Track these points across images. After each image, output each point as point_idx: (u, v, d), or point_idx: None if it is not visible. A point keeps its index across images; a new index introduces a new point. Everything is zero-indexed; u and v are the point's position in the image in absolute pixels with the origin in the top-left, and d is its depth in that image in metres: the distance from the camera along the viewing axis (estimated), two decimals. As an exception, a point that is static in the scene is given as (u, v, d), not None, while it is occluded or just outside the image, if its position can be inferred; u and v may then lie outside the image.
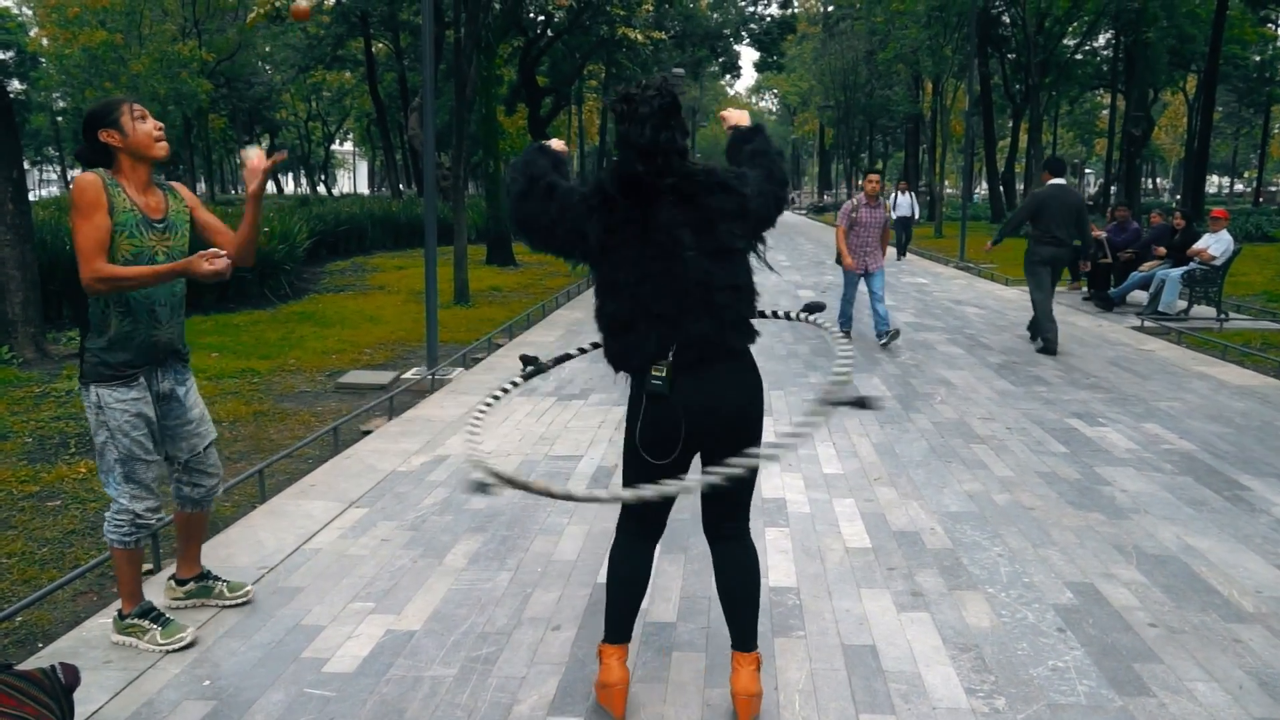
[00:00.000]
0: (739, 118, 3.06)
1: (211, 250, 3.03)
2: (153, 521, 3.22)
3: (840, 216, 9.67)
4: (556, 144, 2.88)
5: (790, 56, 54.93)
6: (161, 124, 3.21)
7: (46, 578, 3.86)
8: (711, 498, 2.74)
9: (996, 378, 7.77)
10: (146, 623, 3.23)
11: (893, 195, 21.59)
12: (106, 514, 3.20)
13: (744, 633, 2.75)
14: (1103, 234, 12.91)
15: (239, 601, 3.54)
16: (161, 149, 3.15)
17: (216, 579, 3.59)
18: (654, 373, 2.56)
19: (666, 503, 2.75)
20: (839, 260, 9.74)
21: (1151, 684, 2.98)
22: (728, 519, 2.78)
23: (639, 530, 2.83)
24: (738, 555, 2.77)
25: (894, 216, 19.04)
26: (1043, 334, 9.05)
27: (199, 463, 3.39)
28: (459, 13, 13.87)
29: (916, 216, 23.09)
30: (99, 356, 3.15)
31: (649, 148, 2.55)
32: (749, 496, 2.79)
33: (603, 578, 3.74)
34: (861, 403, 2.51)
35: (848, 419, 6.38)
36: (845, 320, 9.92)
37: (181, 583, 3.55)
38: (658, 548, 4.08)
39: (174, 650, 3.18)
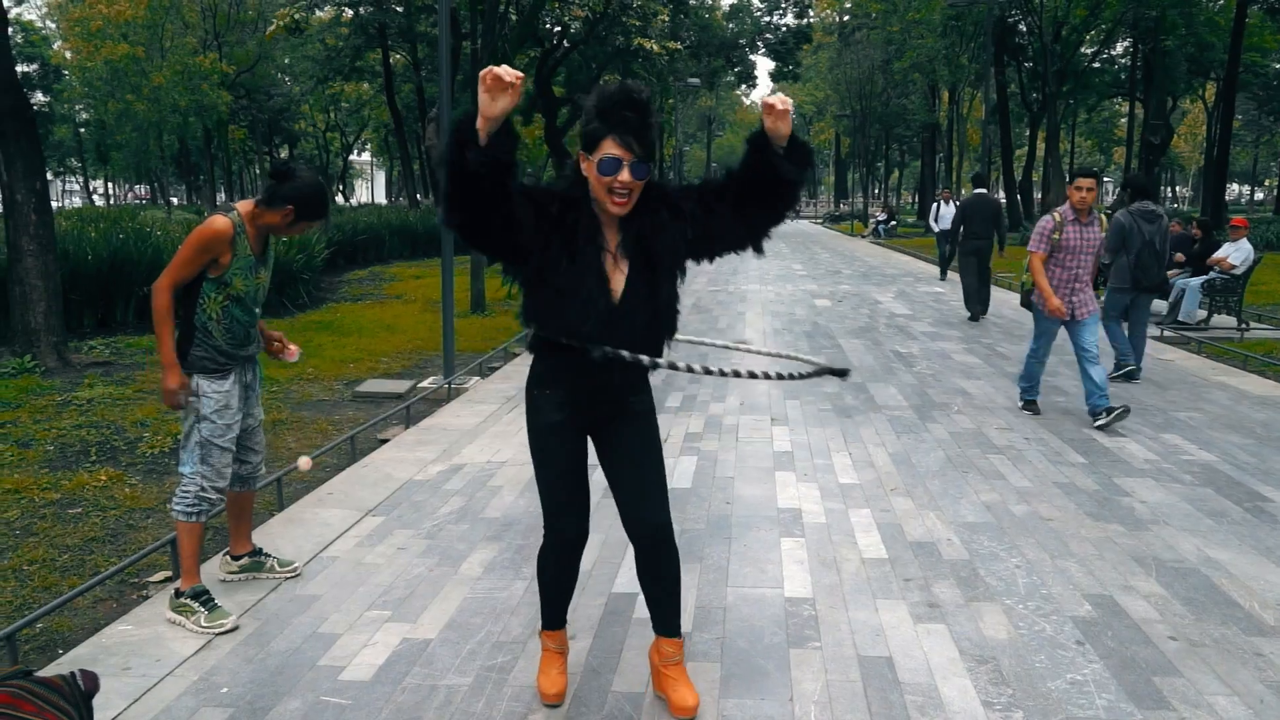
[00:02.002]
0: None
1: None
2: (214, 498, 3.57)
3: (1035, 239, 6.65)
4: None
5: (806, 66, 54.98)
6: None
7: (67, 585, 3.89)
8: None
9: (1014, 387, 7.72)
10: (196, 604, 3.45)
11: (934, 205, 18.67)
12: (175, 491, 3.56)
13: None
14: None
15: (289, 575, 3.88)
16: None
17: (267, 555, 3.91)
18: None
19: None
20: (1027, 302, 7.13)
21: (1172, 698, 2.95)
22: None
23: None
24: None
25: (935, 229, 18.08)
26: (970, 309, 12.13)
27: (248, 439, 3.75)
28: (476, 24, 13.95)
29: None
30: (207, 352, 3.52)
31: None
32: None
33: (619, 587, 3.75)
34: (832, 371, 2.65)
35: (864, 428, 6.36)
36: (1031, 384, 6.93)
37: (236, 558, 3.88)
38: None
39: (219, 634, 3.38)
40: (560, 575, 2.93)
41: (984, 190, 12.73)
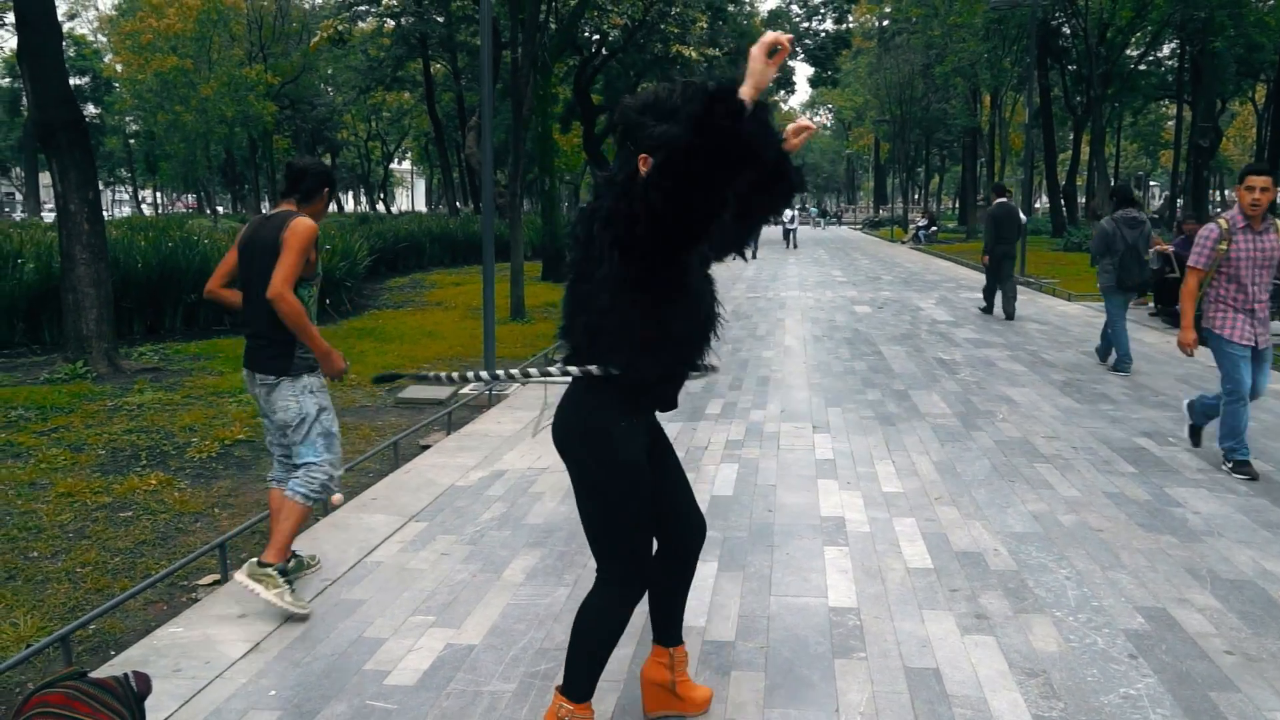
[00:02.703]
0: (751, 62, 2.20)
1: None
2: (338, 482, 3.86)
3: (1196, 251, 5.53)
4: None
5: (845, 71, 54.67)
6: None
7: (119, 587, 3.96)
8: None
9: (1060, 395, 7.61)
10: (280, 579, 3.58)
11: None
12: (298, 475, 3.73)
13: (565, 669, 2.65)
14: (1170, 248, 12.60)
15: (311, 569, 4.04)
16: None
17: (300, 558, 4.06)
18: None
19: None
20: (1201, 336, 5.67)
21: (1229, 714, 2.88)
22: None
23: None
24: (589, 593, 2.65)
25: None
26: (989, 301, 13.21)
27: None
28: (516, 33, 14.05)
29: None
30: (306, 358, 3.80)
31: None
32: (589, 536, 2.62)
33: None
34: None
35: (907, 436, 6.29)
36: (1238, 439, 5.42)
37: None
38: (715, 564, 4.08)
39: (295, 613, 3.56)
40: (618, 635, 2.62)
41: (1005, 199, 13.29)
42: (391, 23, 30.55)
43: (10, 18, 35.56)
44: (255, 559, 3.63)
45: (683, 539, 2.77)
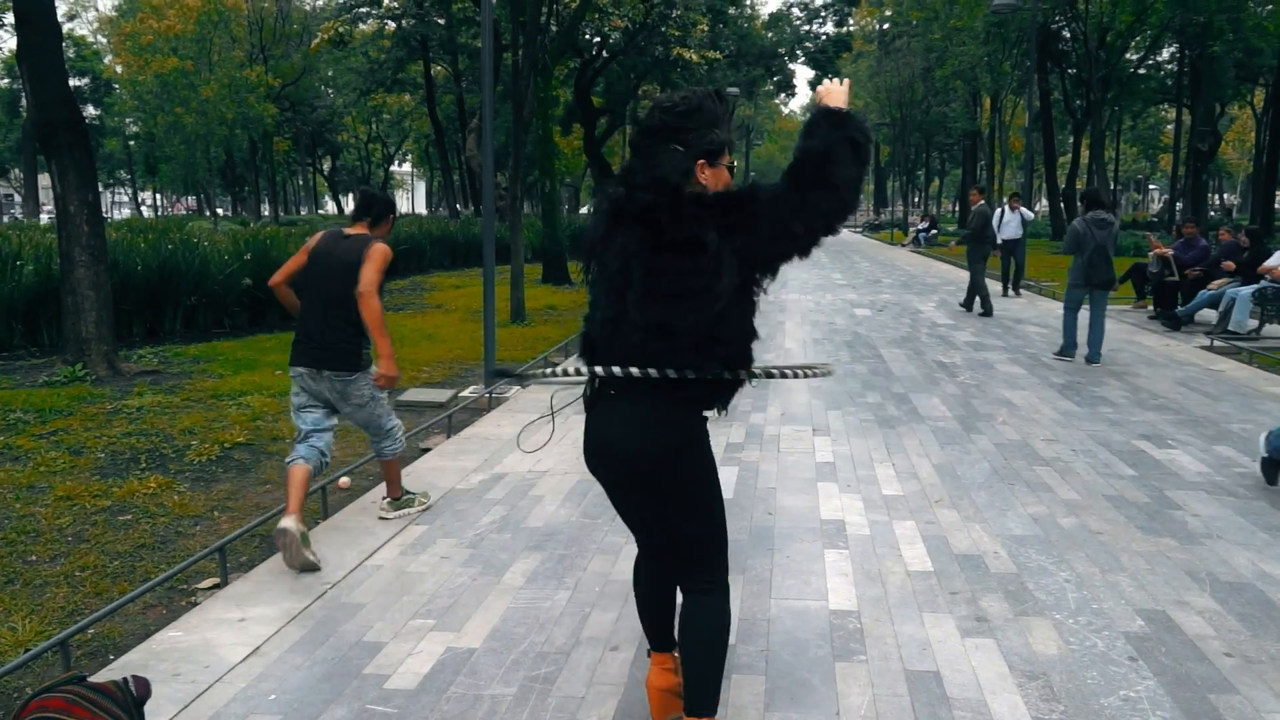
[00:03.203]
0: (829, 95, 2.40)
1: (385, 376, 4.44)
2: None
3: None
4: None
5: (846, 74, 54.71)
6: None
7: (118, 591, 3.95)
8: (664, 548, 2.66)
9: (1060, 398, 7.62)
10: (410, 493, 4.86)
11: (997, 212, 15.70)
12: (386, 440, 4.61)
13: (690, 694, 2.54)
14: (1169, 251, 12.62)
15: (424, 507, 4.88)
16: None
17: (412, 495, 4.90)
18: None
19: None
20: None
21: (1228, 715, 2.88)
22: (682, 574, 2.61)
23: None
24: (689, 612, 2.55)
25: (1000, 239, 15.47)
26: (983, 303, 13.52)
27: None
28: (517, 35, 14.06)
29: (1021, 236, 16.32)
30: (368, 355, 4.43)
31: (624, 169, 2.50)
32: (691, 551, 2.55)
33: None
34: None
35: (907, 439, 6.29)
36: None
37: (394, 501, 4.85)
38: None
39: (429, 504, 4.89)
40: None
41: (984, 201, 14.55)
42: (392, 25, 30.57)
43: (10, 18, 35.59)
44: (385, 499, 4.79)
45: None
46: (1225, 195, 70.37)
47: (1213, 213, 41.12)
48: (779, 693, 3.03)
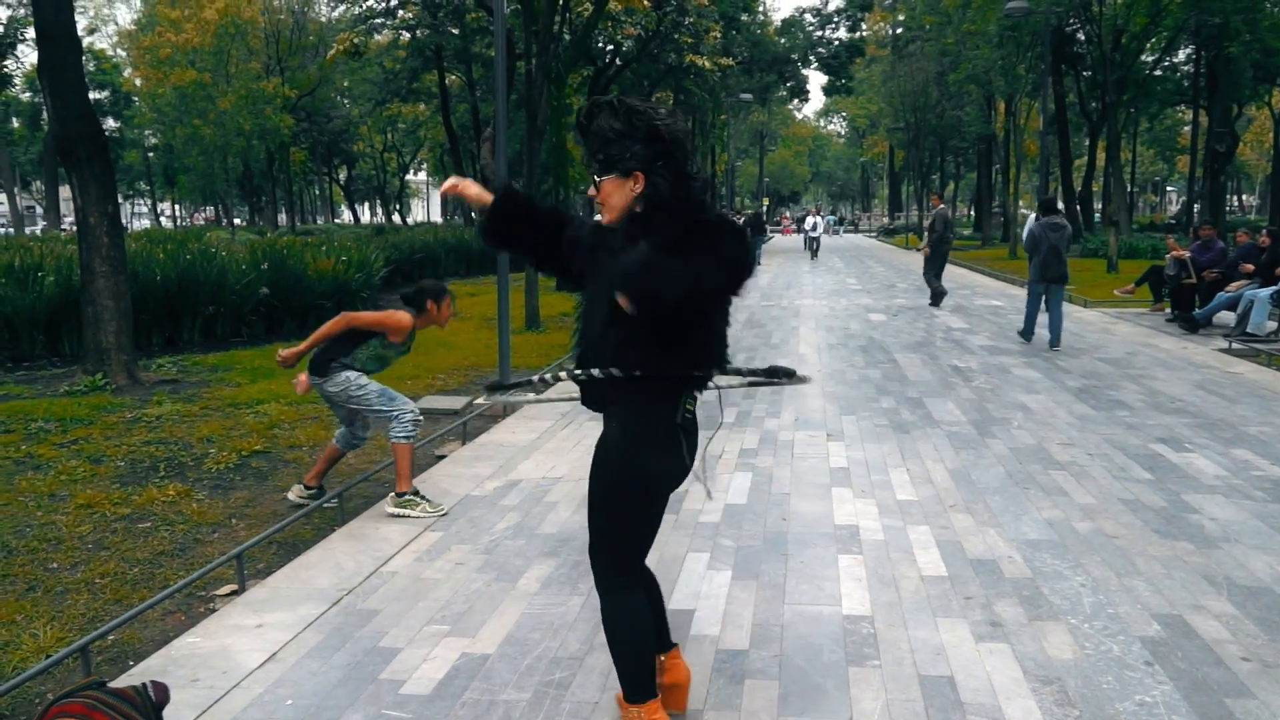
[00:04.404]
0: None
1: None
2: (420, 419, 5.04)
3: None
4: None
5: (859, 79, 54.64)
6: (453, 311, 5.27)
7: (137, 598, 3.99)
8: None
9: (1076, 402, 7.58)
10: (417, 499, 4.96)
11: (1029, 217, 14.42)
12: (394, 427, 4.92)
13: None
14: (1186, 253, 12.54)
15: (438, 513, 4.97)
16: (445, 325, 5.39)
17: (416, 499, 5.01)
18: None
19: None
20: None
21: (1245, 721, 2.87)
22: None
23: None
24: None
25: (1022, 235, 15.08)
26: (935, 296, 15.28)
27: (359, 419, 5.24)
28: (530, 44, 14.13)
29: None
30: (341, 363, 4.99)
31: None
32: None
33: (674, 604, 3.74)
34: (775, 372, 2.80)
35: (921, 444, 6.28)
36: None
37: (308, 488, 5.21)
38: (729, 572, 4.08)
39: (440, 515, 4.93)
40: (649, 622, 2.76)
41: (944, 205, 16.32)
42: (407, 35, 30.77)
43: (31, 32, 35.99)
44: (394, 492, 4.98)
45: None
46: (1244, 196, 69.82)
47: (1231, 214, 40.81)
48: (792, 698, 3.04)
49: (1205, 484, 5.31)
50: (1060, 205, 15.35)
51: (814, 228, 30.36)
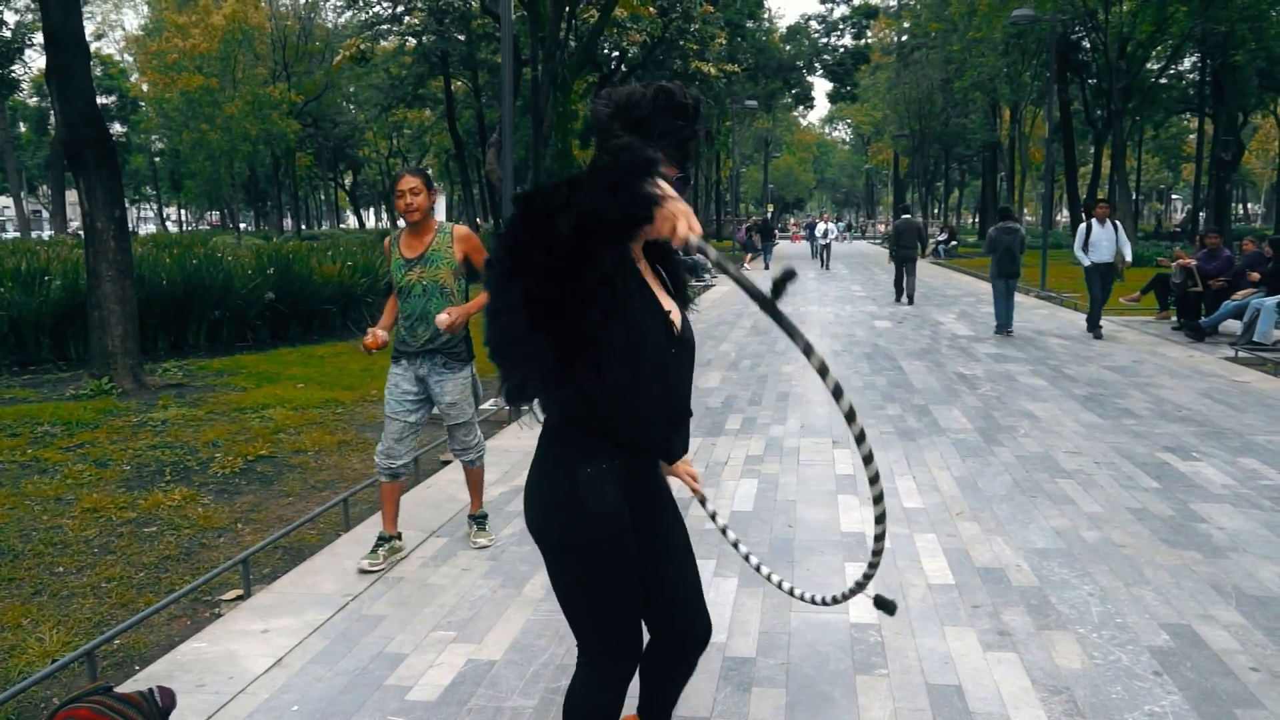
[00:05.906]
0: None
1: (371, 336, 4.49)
2: (382, 463, 4.38)
3: None
4: None
5: (864, 86, 54.71)
6: (410, 199, 4.32)
7: (143, 602, 3.99)
8: None
9: (1082, 410, 7.56)
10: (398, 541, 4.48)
11: (1081, 228, 12.29)
12: (473, 450, 4.65)
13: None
14: (1192, 262, 12.52)
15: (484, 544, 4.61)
16: (410, 215, 4.36)
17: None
18: None
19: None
20: None
21: (1256, 732, 2.85)
22: None
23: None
24: None
25: (1087, 261, 12.03)
26: (899, 296, 17.48)
27: (451, 434, 4.63)
28: (536, 51, 14.16)
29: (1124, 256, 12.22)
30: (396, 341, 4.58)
31: None
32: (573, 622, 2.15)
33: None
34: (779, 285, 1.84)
35: (928, 452, 6.27)
36: None
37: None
38: (735, 580, 4.07)
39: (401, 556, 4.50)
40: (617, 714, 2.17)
41: (909, 216, 18.55)
42: (413, 41, 30.85)
43: (39, 38, 36.16)
44: (472, 519, 4.71)
45: (678, 633, 2.29)
46: (1249, 205, 69.74)
47: (1236, 222, 40.76)
48: (799, 706, 3.03)
49: (1213, 493, 5.29)
50: (1015, 211, 18.30)
51: (825, 235, 29.11)
